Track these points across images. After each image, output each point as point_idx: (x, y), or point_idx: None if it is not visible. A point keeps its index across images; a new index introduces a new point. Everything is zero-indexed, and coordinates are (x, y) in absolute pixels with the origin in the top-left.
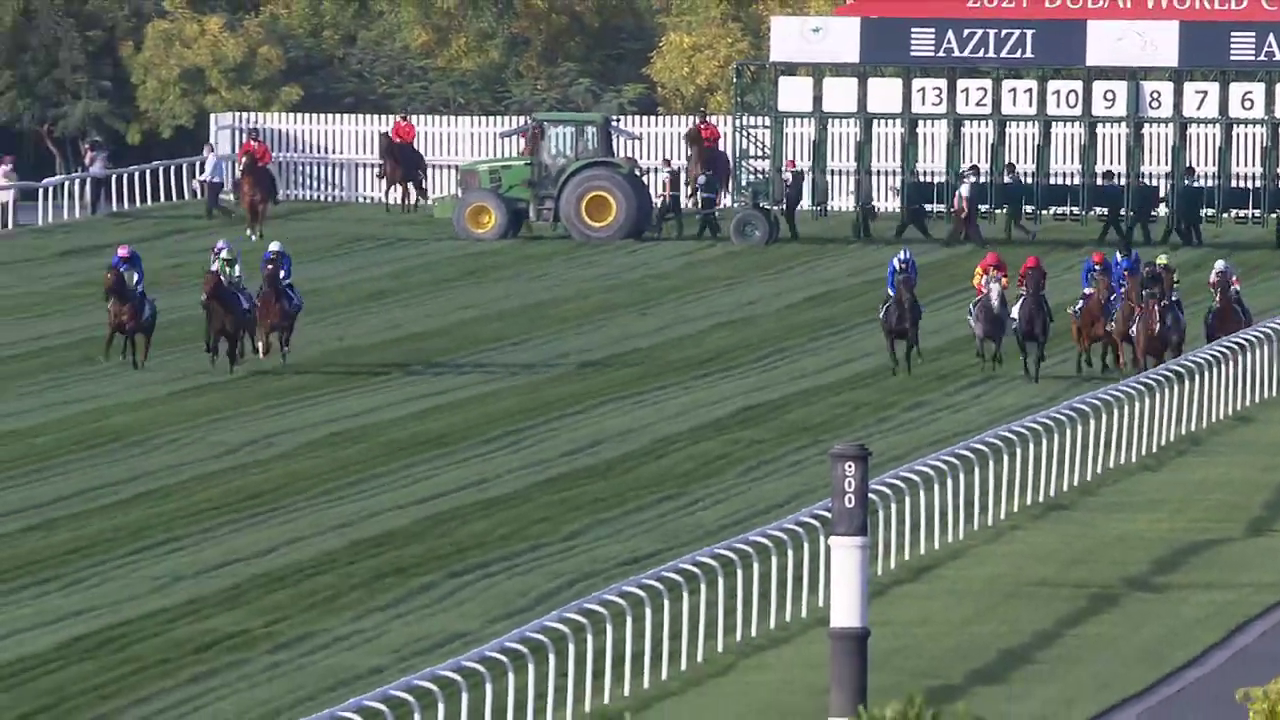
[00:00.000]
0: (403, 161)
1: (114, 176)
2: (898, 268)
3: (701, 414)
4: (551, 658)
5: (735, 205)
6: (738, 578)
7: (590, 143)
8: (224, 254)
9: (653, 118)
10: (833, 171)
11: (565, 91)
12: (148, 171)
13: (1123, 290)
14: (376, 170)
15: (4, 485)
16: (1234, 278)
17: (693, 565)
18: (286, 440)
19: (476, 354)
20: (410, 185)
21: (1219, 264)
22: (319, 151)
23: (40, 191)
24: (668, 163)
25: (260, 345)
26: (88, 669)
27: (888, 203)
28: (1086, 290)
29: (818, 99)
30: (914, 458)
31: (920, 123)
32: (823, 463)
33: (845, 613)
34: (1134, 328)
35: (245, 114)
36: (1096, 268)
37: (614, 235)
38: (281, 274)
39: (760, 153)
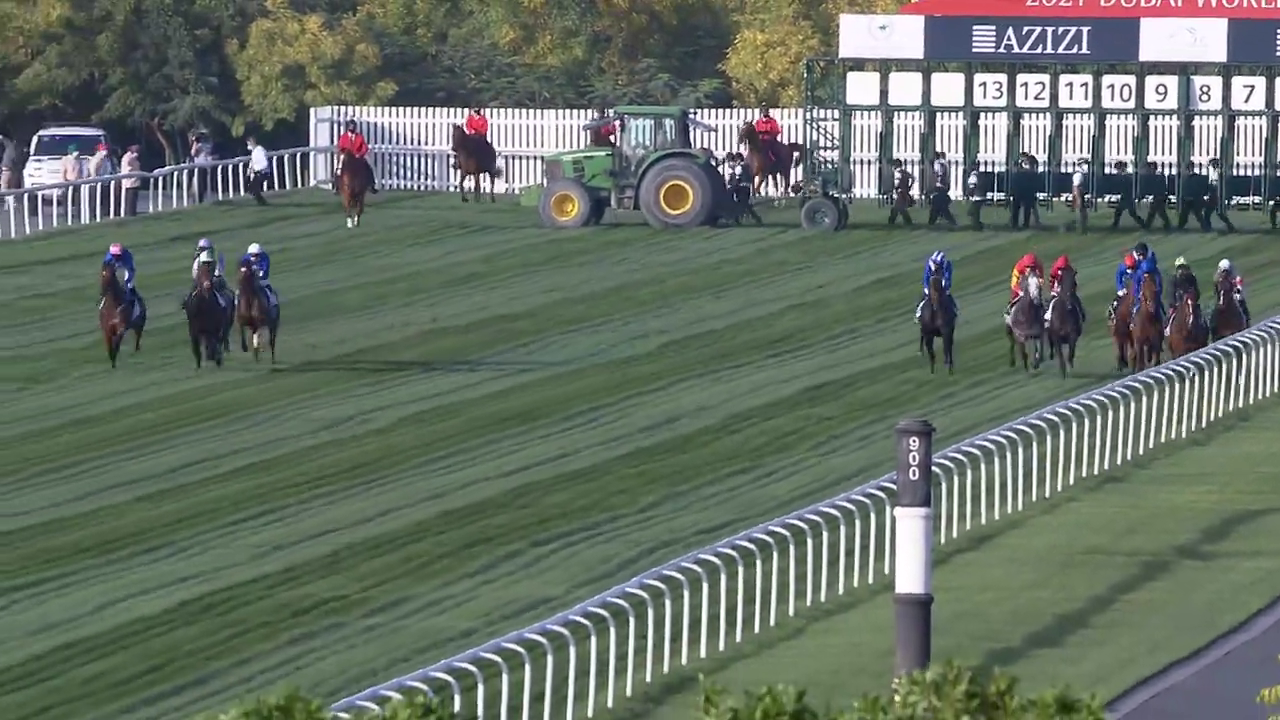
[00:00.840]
0: (475, 153)
1: (219, 167)
2: (932, 268)
3: (773, 391)
4: (631, 622)
5: (806, 193)
6: (808, 546)
7: (668, 135)
8: (204, 255)
9: (727, 111)
10: (898, 161)
11: (645, 86)
12: (251, 162)
13: (1140, 291)
14: (451, 161)
15: (116, 459)
16: (1237, 278)
17: (765, 535)
18: (381, 416)
19: (560, 334)
20: (482, 176)
21: (1223, 263)
22: (413, 143)
23: (151, 181)
24: (731, 155)
25: (249, 344)
26: (194, 631)
27: (957, 191)
28: (1120, 291)
29: (884, 93)
30: (975, 433)
31: (981, 115)
32: (888, 438)
33: (910, 579)
34: (1132, 323)
35: (343, 108)
36: (1129, 270)
37: (691, 222)
38: (260, 274)
39: (830, 144)
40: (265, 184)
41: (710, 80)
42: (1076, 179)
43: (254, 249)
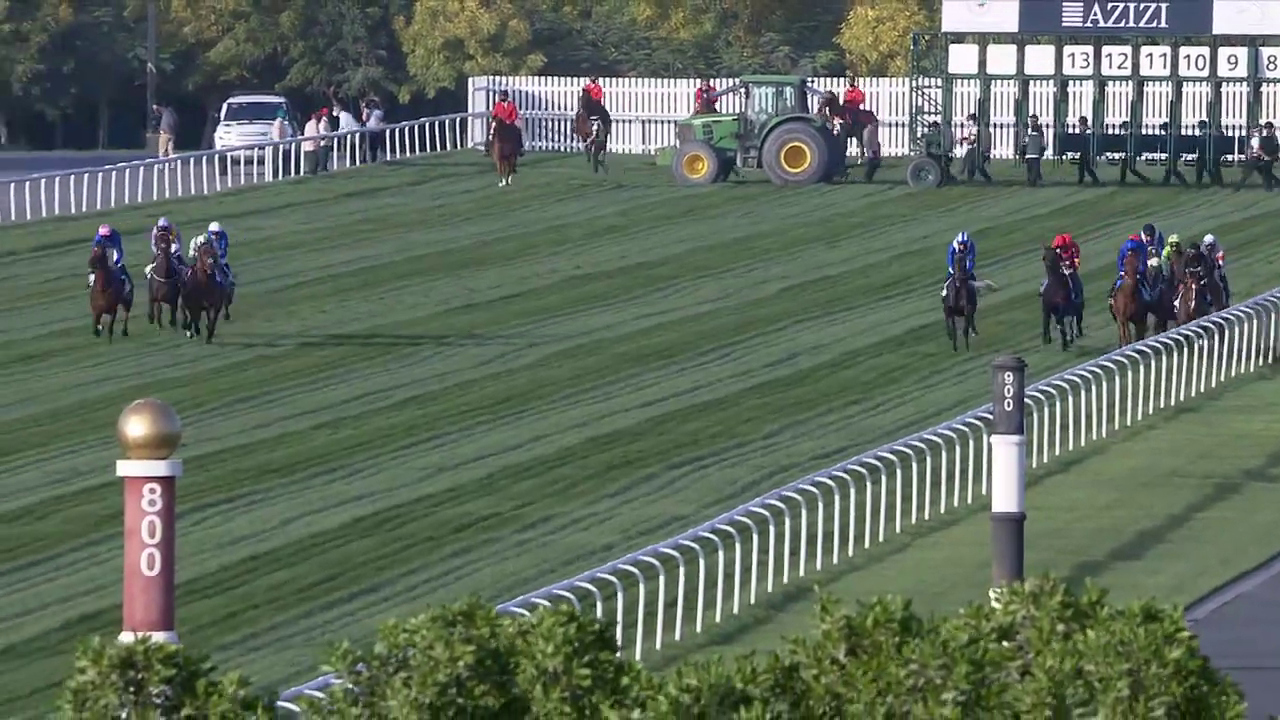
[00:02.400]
0: (593, 118)
1: (388, 131)
2: (957, 249)
3: (882, 331)
4: (755, 538)
5: (911, 154)
6: (913, 470)
7: (788, 101)
8: (201, 237)
9: (841, 79)
10: (995, 125)
11: (767, 57)
12: (416, 126)
13: (1123, 267)
14: (571, 125)
15: (297, 390)
16: (1219, 253)
17: (874, 460)
18: (532, 353)
19: (692, 280)
20: (599, 140)
21: (1207, 238)
22: (559, 109)
23: (327, 144)
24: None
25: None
26: (366, 544)
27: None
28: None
29: (982, 63)
30: (1064, 368)
31: (1070, 83)
32: (985, 373)
33: (1004, 499)
34: (1113, 299)
35: (497, 78)
36: (1146, 244)
37: (808, 180)
38: (219, 253)
39: (933, 110)
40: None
41: (826, 52)
42: (1254, 141)
43: (214, 227)
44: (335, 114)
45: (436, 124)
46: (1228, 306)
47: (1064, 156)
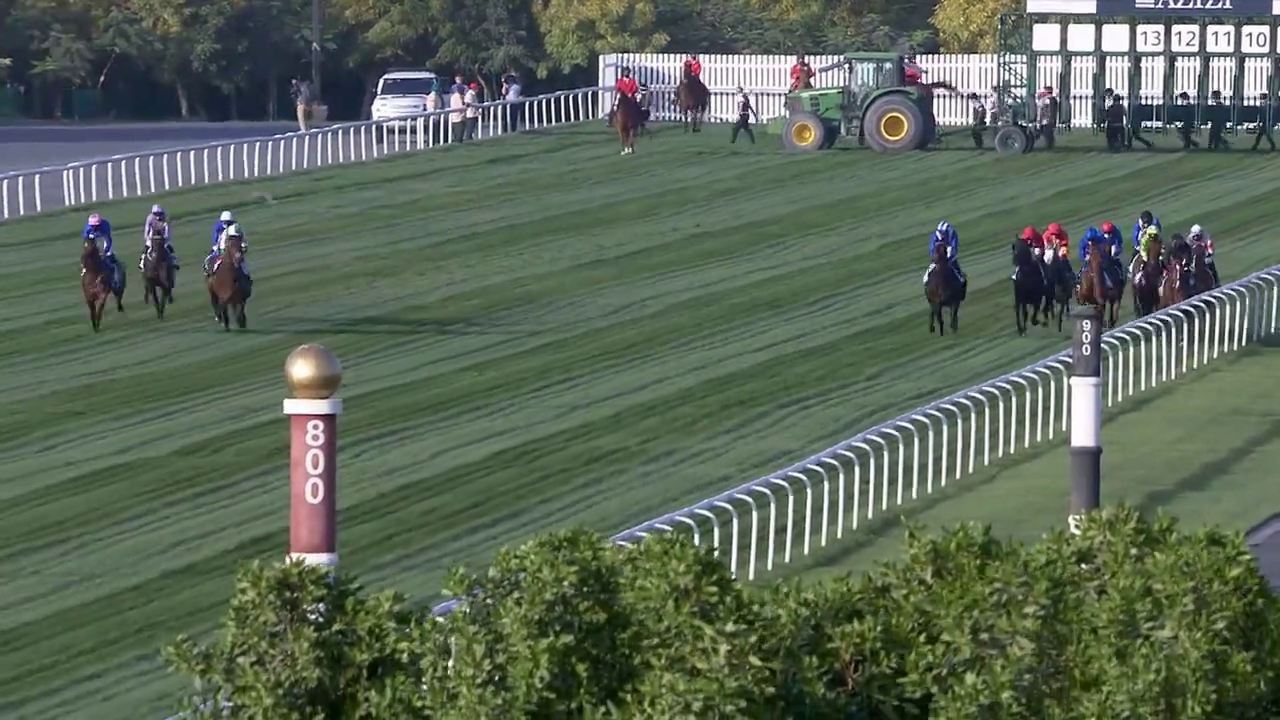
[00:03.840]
0: (692, 91)
1: (526, 103)
2: (939, 237)
3: (972, 284)
4: (856, 470)
5: (1000, 123)
6: (999, 408)
7: (888, 75)
8: (231, 229)
9: (935, 56)
10: (1075, 97)
11: (869, 36)
12: (551, 99)
13: (1086, 256)
14: (672, 97)
15: (445, 336)
16: (1208, 241)
17: (965, 399)
18: (656, 303)
19: (800, 237)
20: (696, 111)
21: (1194, 228)
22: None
23: (480, 113)
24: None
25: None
26: (507, 475)
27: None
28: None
29: (1064, 41)
30: (1138, 316)
31: (1142, 59)
32: (1065, 321)
33: (1083, 435)
34: (1079, 286)
35: (624, 55)
36: (1106, 236)
37: (905, 147)
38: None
39: (1019, 83)
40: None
41: (921, 31)
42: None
43: (226, 216)
44: (461, 87)
45: (570, 97)
46: (1216, 287)
47: (1170, 125)
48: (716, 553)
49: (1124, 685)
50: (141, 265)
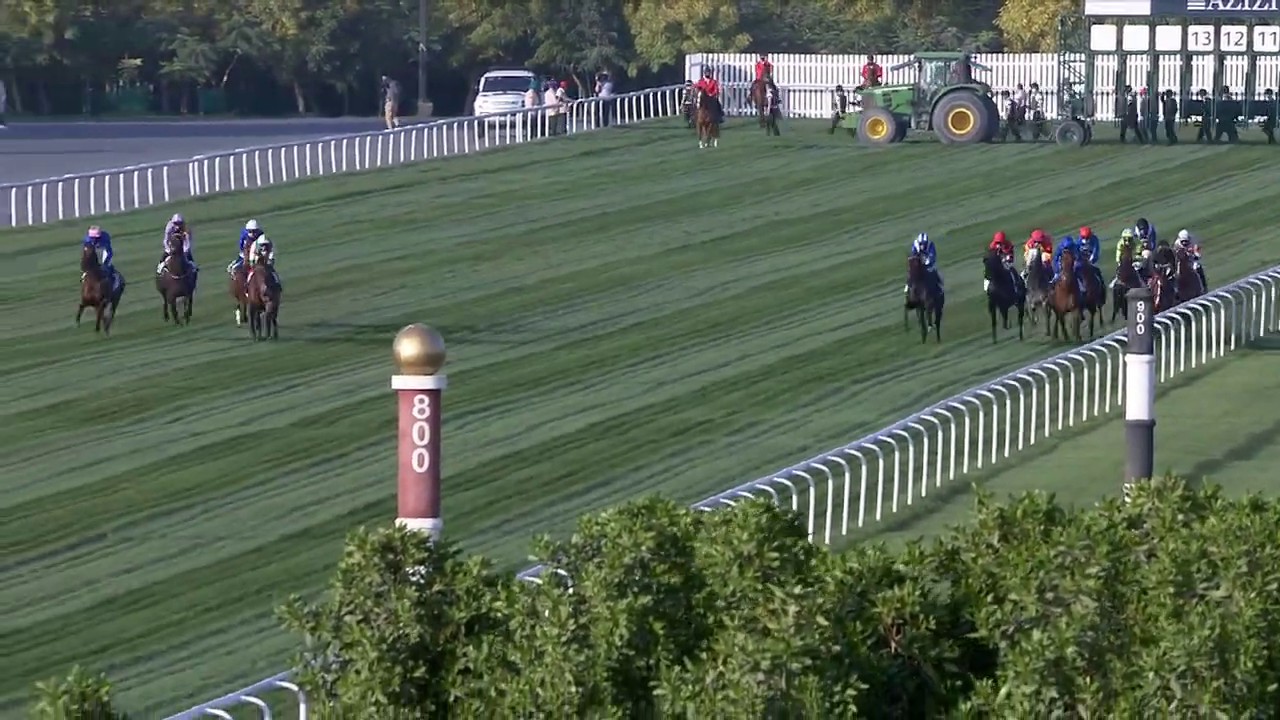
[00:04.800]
0: (763, 91)
1: (617, 100)
2: (918, 248)
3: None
4: (925, 440)
5: (1059, 117)
6: (1059, 384)
7: (955, 73)
8: (261, 238)
9: (999, 55)
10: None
11: (937, 36)
12: (641, 96)
13: (1059, 263)
14: (745, 95)
15: (542, 317)
16: (1195, 247)
17: (1027, 375)
18: (737, 285)
19: (873, 224)
20: (767, 108)
21: (1182, 234)
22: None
23: (570, 109)
24: (1020, 87)
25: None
26: (600, 445)
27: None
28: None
29: (1119, 41)
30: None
31: (1194, 57)
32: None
33: (1137, 409)
34: (1047, 294)
35: (709, 55)
36: (1083, 243)
37: (971, 140)
38: (268, 256)
39: (1077, 80)
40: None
41: (987, 32)
42: None
43: (251, 224)
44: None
45: (658, 94)
46: (1205, 292)
47: (1188, 120)
48: (795, 519)
49: (1180, 641)
50: (159, 274)
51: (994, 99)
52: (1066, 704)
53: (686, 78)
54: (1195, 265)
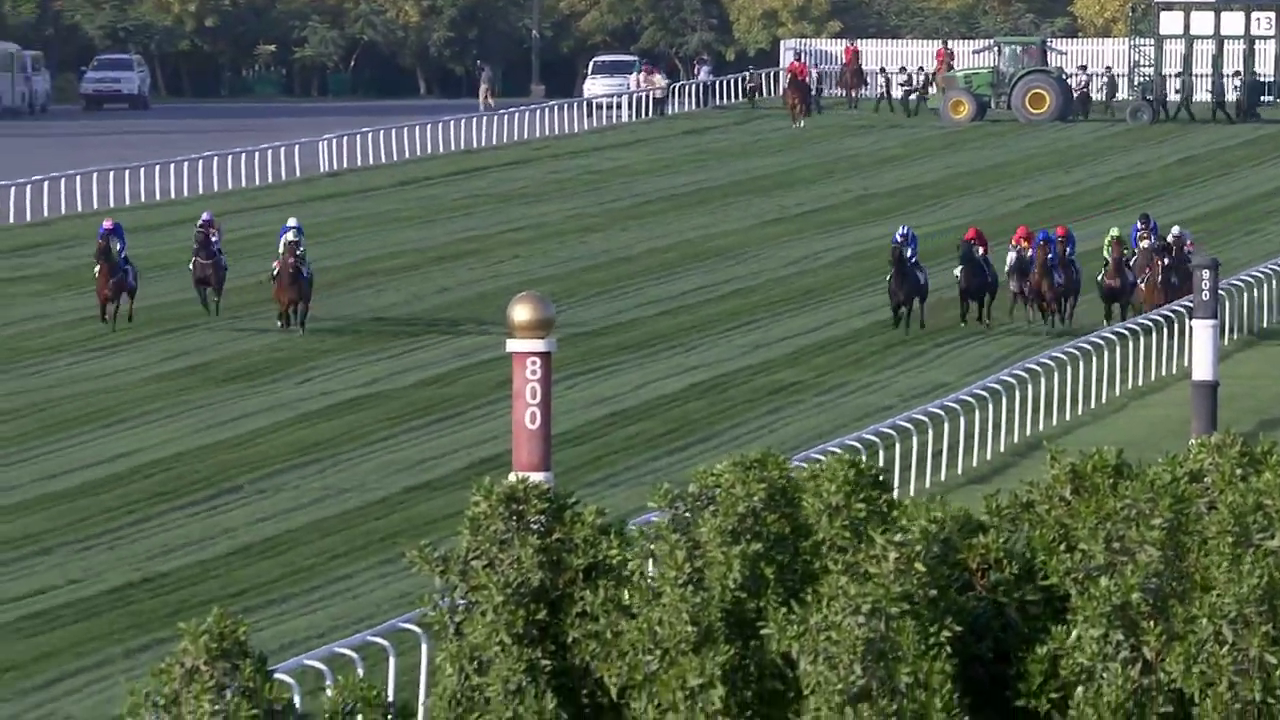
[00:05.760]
0: (852, 74)
1: (716, 82)
2: (899, 240)
3: (1101, 240)
4: (1004, 399)
5: (1129, 98)
6: (1129, 346)
7: (1032, 56)
8: (290, 235)
9: (1073, 39)
10: (1196, 75)
11: (1015, 22)
12: (738, 79)
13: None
14: (835, 79)
15: (646, 284)
16: (1189, 242)
17: (1099, 339)
18: (828, 255)
19: (955, 198)
20: (856, 90)
21: (1175, 229)
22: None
23: (670, 92)
24: (1082, 69)
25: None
26: (700, 404)
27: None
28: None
29: (1187, 26)
30: (1250, 267)
31: (1257, 41)
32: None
33: (1203, 370)
34: (1026, 284)
35: (802, 40)
36: (1059, 238)
37: (1047, 119)
38: (299, 249)
39: (1147, 63)
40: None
41: (1062, 18)
42: None
43: (292, 222)
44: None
45: (765, 75)
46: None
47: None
48: (879, 474)
49: (1231, 589)
50: (191, 267)
51: (1069, 80)
52: (1132, 646)
53: (781, 62)
54: (1189, 258)
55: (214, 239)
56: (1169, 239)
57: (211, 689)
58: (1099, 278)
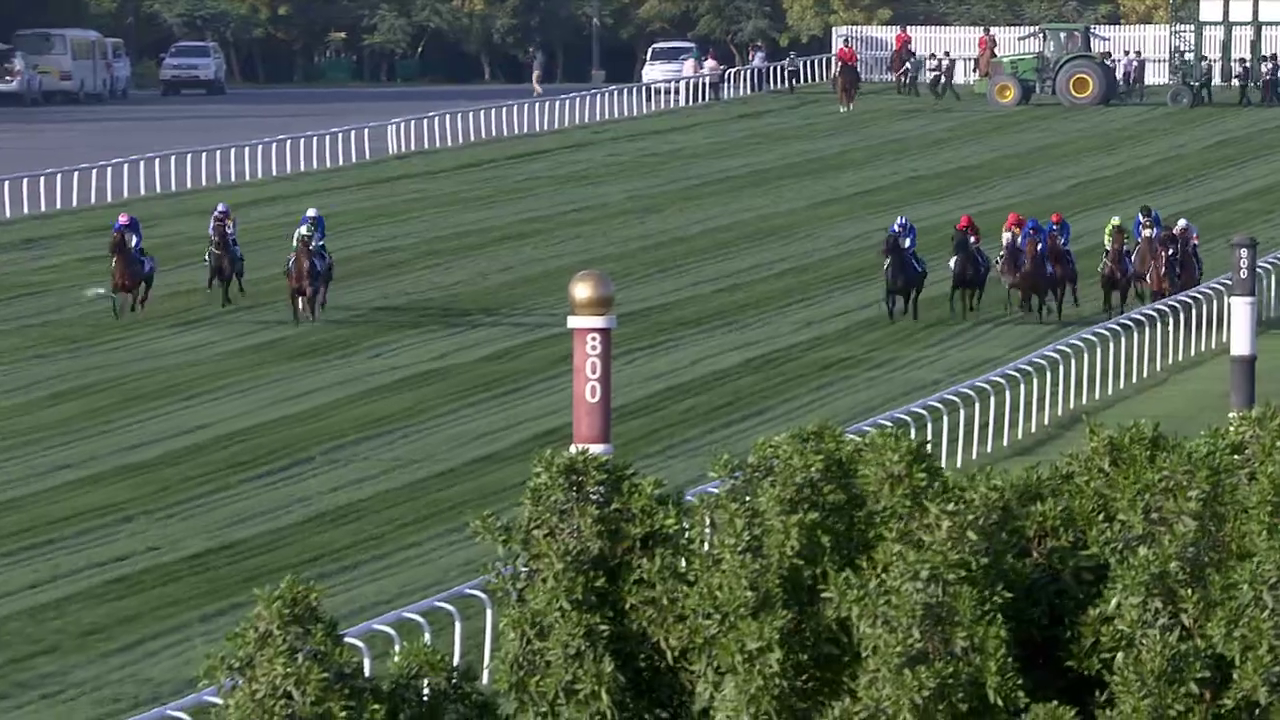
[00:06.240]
0: (902, 60)
1: (770, 68)
2: (897, 230)
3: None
4: (1047, 374)
5: (1170, 82)
6: (1169, 323)
7: (1076, 42)
8: (303, 229)
9: (1115, 26)
10: (1236, 60)
11: (1060, 9)
12: (803, 65)
13: (1024, 244)
14: (886, 64)
15: (703, 263)
16: (1194, 235)
17: (1139, 315)
18: (878, 235)
19: (1002, 179)
20: (904, 75)
21: (1181, 222)
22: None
23: (724, 77)
24: (1126, 53)
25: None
26: (754, 379)
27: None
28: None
29: (1225, 13)
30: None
31: None
32: (1225, 251)
33: (1241, 345)
34: (1013, 276)
35: (853, 27)
36: (1054, 226)
37: (1091, 103)
38: (317, 239)
39: (1187, 49)
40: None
41: (1104, 5)
42: None
43: (311, 213)
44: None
45: (806, 62)
46: (1200, 283)
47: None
48: (929, 445)
49: (1272, 555)
50: (207, 258)
51: (1111, 65)
52: (1170, 613)
53: (833, 47)
54: (1193, 249)
55: (229, 230)
56: (1175, 231)
57: (284, 652)
58: (1099, 267)
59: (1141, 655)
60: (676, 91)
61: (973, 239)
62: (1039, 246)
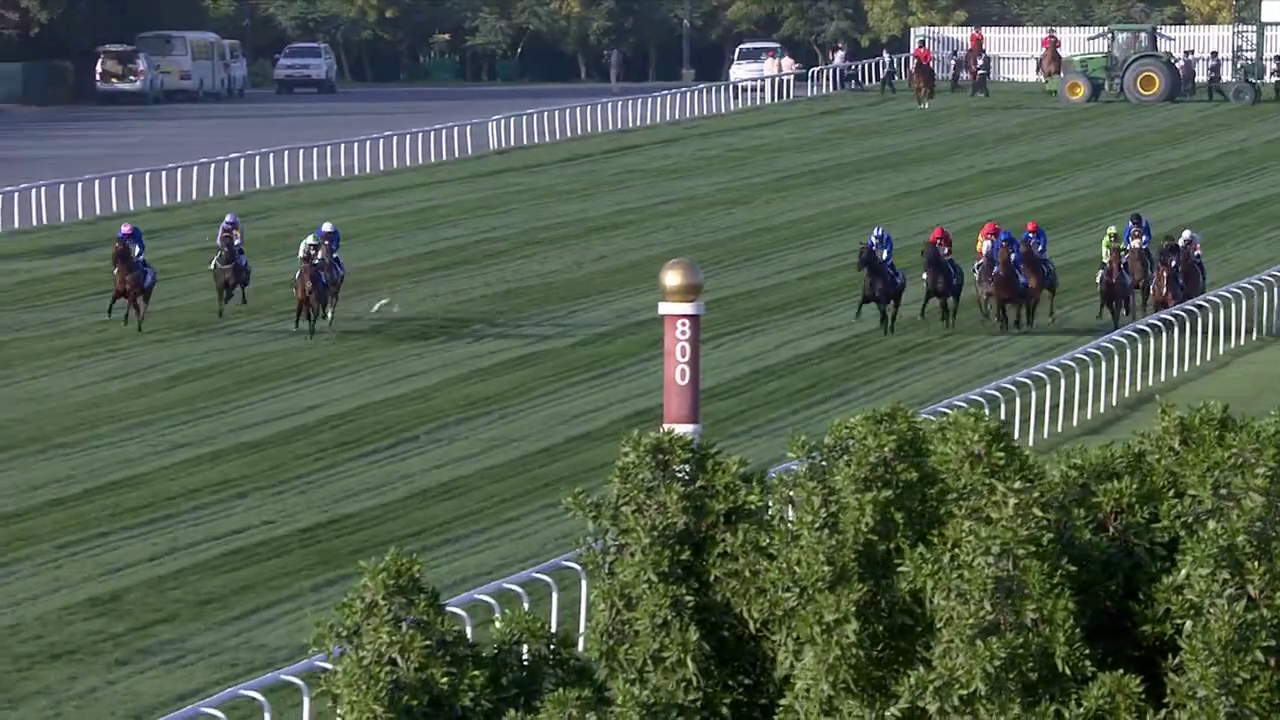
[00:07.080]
0: (974, 58)
1: (864, 65)
2: (874, 242)
3: (1208, 209)
4: (1116, 357)
5: (1233, 80)
6: (1233, 310)
7: (1143, 42)
8: (311, 239)
9: (1181, 27)
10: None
11: (1128, 11)
12: (871, 64)
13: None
14: (962, 62)
15: (787, 250)
16: (1197, 244)
17: (1204, 302)
18: (954, 225)
19: (1072, 172)
20: (978, 74)
21: (1186, 233)
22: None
23: (808, 75)
24: (1188, 53)
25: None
26: (836, 362)
27: None
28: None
29: None
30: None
31: None
32: (1271, 242)
33: None
34: (988, 284)
35: (931, 28)
36: (1031, 236)
37: (1157, 100)
38: (332, 250)
39: (1249, 48)
40: (849, 78)
41: (1170, 6)
42: None
43: (326, 228)
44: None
45: (900, 60)
46: (1204, 292)
47: None
48: (1003, 425)
49: None
50: (213, 268)
51: (1177, 64)
52: (1238, 584)
53: (911, 47)
54: (1196, 260)
55: (236, 241)
56: (1180, 242)
57: (389, 621)
58: (1097, 278)
59: (1210, 624)
60: (761, 89)
61: (945, 250)
62: (1011, 256)
